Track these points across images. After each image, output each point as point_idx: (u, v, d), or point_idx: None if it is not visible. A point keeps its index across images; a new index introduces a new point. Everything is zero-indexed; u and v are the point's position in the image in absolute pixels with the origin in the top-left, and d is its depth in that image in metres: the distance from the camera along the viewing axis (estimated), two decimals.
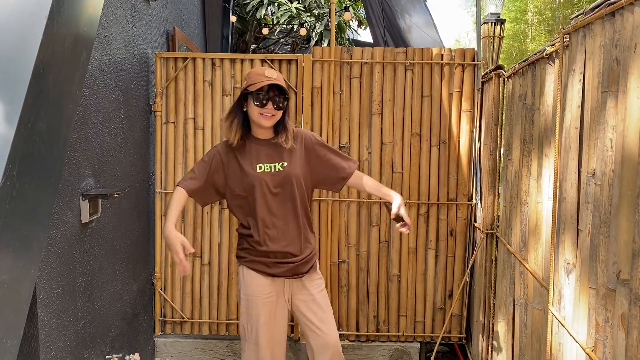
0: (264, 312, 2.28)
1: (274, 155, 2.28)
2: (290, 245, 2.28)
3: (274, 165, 2.27)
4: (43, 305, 1.83)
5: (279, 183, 2.27)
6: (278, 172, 2.27)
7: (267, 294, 2.29)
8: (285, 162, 2.28)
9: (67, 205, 2.03)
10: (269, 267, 2.28)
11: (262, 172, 2.25)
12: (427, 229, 3.25)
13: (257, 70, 2.25)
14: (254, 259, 2.29)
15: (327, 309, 2.36)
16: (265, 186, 2.25)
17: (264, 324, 2.27)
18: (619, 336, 1.34)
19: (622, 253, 1.34)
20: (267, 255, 2.27)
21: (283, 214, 2.28)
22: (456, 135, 3.21)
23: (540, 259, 2.13)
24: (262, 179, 2.24)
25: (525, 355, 2.30)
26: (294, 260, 2.29)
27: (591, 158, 1.55)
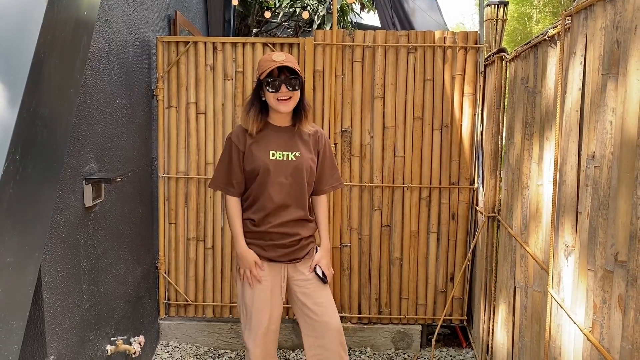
0: (258, 296, 2.30)
1: (289, 144, 2.30)
2: (289, 230, 2.31)
3: (287, 153, 2.28)
4: (48, 288, 1.86)
5: (291, 172, 2.29)
6: (290, 160, 2.28)
7: (262, 278, 2.31)
8: (298, 152, 2.30)
9: (70, 189, 2.04)
10: (265, 250, 2.31)
11: (275, 160, 2.27)
12: (429, 212, 3.26)
13: (265, 57, 2.26)
14: (251, 241, 2.32)
15: (323, 292, 2.37)
16: (276, 174, 2.27)
17: (257, 308, 2.30)
18: (616, 317, 1.36)
19: (620, 235, 1.35)
20: (264, 238, 2.30)
21: (288, 200, 2.30)
22: (458, 119, 3.20)
23: (540, 242, 2.14)
24: (274, 166, 2.27)
25: (525, 337, 2.32)
26: (291, 244, 2.31)
27: (591, 141, 1.55)
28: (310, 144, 2.35)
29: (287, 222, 2.30)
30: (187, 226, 3.26)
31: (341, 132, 3.20)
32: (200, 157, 3.21)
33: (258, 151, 2.28)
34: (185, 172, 3.22)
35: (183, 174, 3.22)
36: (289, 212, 2.31)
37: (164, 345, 3.22)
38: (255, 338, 2.30)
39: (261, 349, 2.31)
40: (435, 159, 3.23)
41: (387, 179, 3.23)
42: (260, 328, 2.30)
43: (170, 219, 3.25)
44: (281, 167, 2.28)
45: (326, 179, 2.42)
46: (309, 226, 2.38)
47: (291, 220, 2.31)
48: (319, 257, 2.38)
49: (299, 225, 2.33)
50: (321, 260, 2.37)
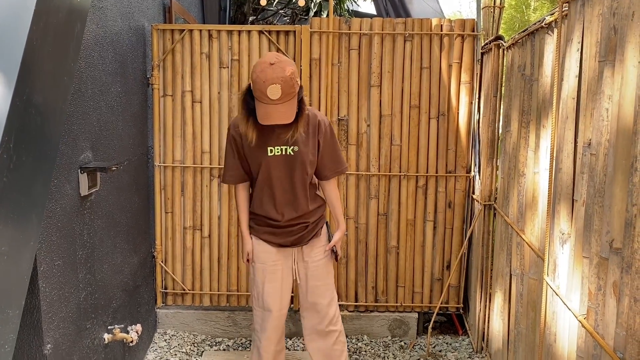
0: (267, 279, 2.36)
1: (287, 138, 2.26)
2: (297, 221, 2.34)
3: (285, 148, 2.27)
4: (44, 277, 1.86)
5: (290, 166, 2.29)
6: (289, 155, 2.28)
7: (271, 263, 2.36)
8: (296, 147, 2.28)
9: (65, 178, 2.03)
10: (275, 236, 2.35)
11: (273, 155, 2.27)
12: (426, 201, 3.26)
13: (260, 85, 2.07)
14: (261, 228, 2.37)
15: (320, 278, 2.41)
16: (276, 168, 2.28)
17: (269, 292, 2.35)
18: (611, 304, 1.36)
19: (615, 222, 1.35)
20: (272, 226, 2.35)
21: (290, 191, 2.32)
22: (455, 107, 3.19)
23: (536, 230, 2.15)
24: (273, 161, 2.27)
25: (521, 324, 2.34)
26: (299, 230, 2.35)
27: (587, 128, 1.55)
28: (310, 134, 2.32)
29: (294, 215, 2.33)
30: (183, 215, 3.25)
31: (338, 120, 3.19)
32: (196, 146, 3.20)
33: (256, 148, 2.26)
34: (181, 161, 3.21)
35: (179, 162, 3.21)
36: (294, 205, 2.33)
37: (162, 333, 3.23)
38: (265, 322, 2.36)
39: (271, 332, 2.37)
40: (432, 148, 3.22)
41: (383, 167, 3.23)
42: (271, 311, 2.35)
43: (166, 208, 3.24)
44: (280, 162, 2.28)
45: (330, 165, 2.40)
46: (316, 211, 2.41)
47: (298, 214, 2.33)
48: (336, 239, 2.43)
49: (306, 215, 2.36)
50: (337, 243, 2.45)
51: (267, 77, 2.06)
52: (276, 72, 2.06)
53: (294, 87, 2.11)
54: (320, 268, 2.42)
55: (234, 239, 3.26)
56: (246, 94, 2.21)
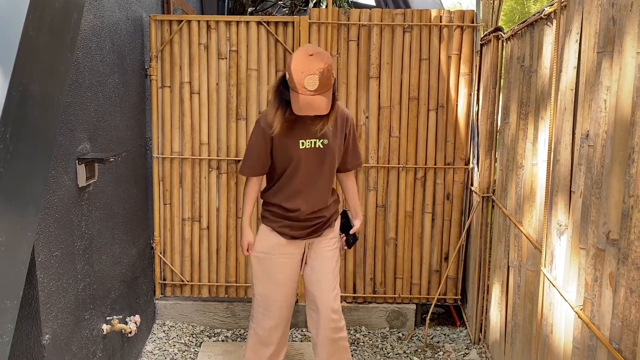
0: (277, 270, 2.36)
1: (317, 130, 2.24)
2: (316, 214, 2.35)
3: (314, 141, 2.27)
4: (42, 268, 1.86)
5: (319, 159, 2.30)
6: (319, 148, 2.28)
7: (281, 254, 2.36)
8: (326, 140, 2.29)
9: (63, 169, 2.03)
10: (291, 229, 2.34)
11: (304, 149, 2.27)
12: (424, 193, 3.26)
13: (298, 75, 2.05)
14: (278, 220, 2.35)
15: (325, 270, 2.41)
16: (306, 161, 2.28)
17: (277, 282, 2.36)
18: (607, 295, 1.37)
19: (612, 214, 1.35)
20: (291, 218, 2.33)
21: (315, 184, 2.32)
22: (454, 99, 3.19)
23: (534, 222, 2.15)
24: (304, 154, 2.27)
25: (518, 315, 2.34)
26: (315, 224, 2.35)
27: (585, 120, 1.55)
28: (338, 127, 2.32)
29: (315, 208, 2.33)
30: (182, 207, 3.25)
31: None
32: (195, 138, 3.20)
33: (288, 141, 2.25)
34: (180, 153, 3.21)
35: (177, 154, 3.21)
36: (317, 198, 2.33)
37: (160, 324, 3.24)
38: (270, 311, 2.37)
39: (275, 322, 2.38)
40: (431, 139, 3.22)
41: (382, 159, 3.23)
42: (277, 302, 2.36)
43: (165, 200, 3.24)
44: (311, 156, 2.28)
45: (352, 158, 2.44)
46: (333, 205, 2.43)
47: (319, 207, 2.34)
48: (357, 227, 2.48)
49: (324, 209, 2.37)
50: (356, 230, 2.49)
51: (305, 67, 2.05)
52: (315, 63, 2.05)
53: (330, 80, 2.11)
54: (329, 259, 2.42)
55: (232, 231, 3.26)
56: (280, 84, 2.20)
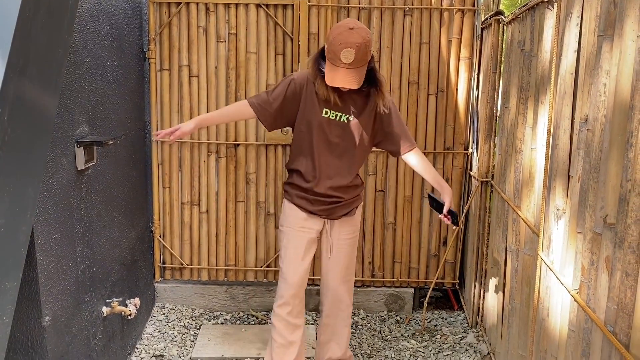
0: (292, 244, 2.37)
1: (345, 106, 2.26)
2: (335, 189, 2.33)
3: (340, 115, 2.27)
4: (42, 250, 1.87)
5: (340, 134, 2.28)
6: (342, 122, 2.27)
7: (299, 228, 2.37)
8: (352, 116, 2.28)
9: (61, 152, 2.03)
10: (311, 203, 2.34)
11: (327, 119, 2.26)
12: (423, 177, 3.26)
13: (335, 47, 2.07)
14: (297, 193, 2.36)
15: (339, 254, 2.42)
16: (326, 132, 2.27)
17: (290, 257, 2.37)
18: (603, 278, 1.37)
19: (609, 198, 1.35)
20: (310, 193, 2.33)
21: (336, 161, 2.31)
22: (454, 84, 3.17)
23: (532, 206, 2.16)
24: (324, 124, 2.26)
25: (515, 299, 2.36)
26: (332, 203, 2.34)
27: (584, 104, 1.54)
28: (368, 109, 2.30)
29: (332, 187, 2.31)
30: (181, 190, 3.26)
31: None
32: None
33: (313, 105, 2.26)
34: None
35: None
36: (336, 177, 2.31)
37: (160, 307, 3.26)
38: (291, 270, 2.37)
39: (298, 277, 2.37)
40: (430, 124, 3.21)
41: None
42: (296, 261, 2.37)
43: (164, 184, 3.24)
44: (332, 127, 2.27)
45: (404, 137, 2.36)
46: (353, 191, 2.39)
47: (337, 186, 2.32)
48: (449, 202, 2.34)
49: (343, 190, 2.35)
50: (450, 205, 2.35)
51: (343, 40, 2.06)
52: (353, 37, 2.07)
53: (366, 55, 2.12)
54: (345, 248, 2.43)
55: (232, 215, 3.27)
56: (318, 56, 2.22)
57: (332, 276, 2.45)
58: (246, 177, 3.24)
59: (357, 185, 2.41)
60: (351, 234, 2.44)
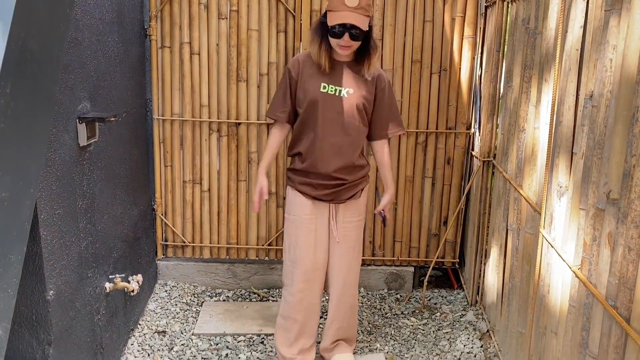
0: (302, 232, 2.35)
1: (343, 80, 2.25)
2: (337, 170, 2.30)
3: (339, 89, 2.25)
4: (45, 225, 1.87)
5: (338, 108, 2.26)
6: (340, 97, 2.25)
7: (307, 215, 2.34)
8: (351, 90, 2.26)
9: (64, 128, 2.02)
10: (314, 188, 2.32)
11: (325, 93, 2.24)
12: (425, 157, 3.26)
13: None
14: (299, 179, 2.34)
15: (344, 240, 2.39)
16: (323, 107, 2.25)
17: (302, 245, 2.35)
18: (605, 254, 1.38)
19: (613, 173, 1.35)
20: (313, 177, 2.31)
21: (337, 139, 2.28)
22: (457, 63, 3.15)
23: (534, 185, 2.16)
24: (323, 99, 2.24)
25: (515, 277, 2.38)
26: (336, 186, 2.31)
27: (590, 80, 1.53)
28: (369, 85, 2.29)
29: (336, 168, 2.29)
30: (182, 169, 3.26)
31: None
32: (195, 99, 3.17)
33: (310, 82, 2.26)
34: (180, 115, 3.19)
35: (178, 116, 3.19)
36: (339, 155, 2.29)
37: (162, 284, 3.29)
38: (299, 275, 2.36)
39: (304, 285, 2.37)
40: (433, 104, 3.20)
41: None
42: (304, 266, 2.35)
43: (165, 162, 3.24)
44: (331, 102, 2.25)
45: (385, 123, 2.37)
46: (358, 172, 2.36)
47: (341, 167, 2.30)
48: (384, 203, 2.44)
49: (347, 171, 2.32)
50: (386, 206, 2.45)
51: None
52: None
53: (370, 6, 2.16)
54: (352, 230, 2.41)
55: (233, 194, 3.28)
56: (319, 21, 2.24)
57: (338, 264, 2.42)
58: (248, 156, 3.23)
59: (361, 166, 2.38)
60: (357, 216, 2.41)
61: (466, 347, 2.74)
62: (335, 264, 2.42)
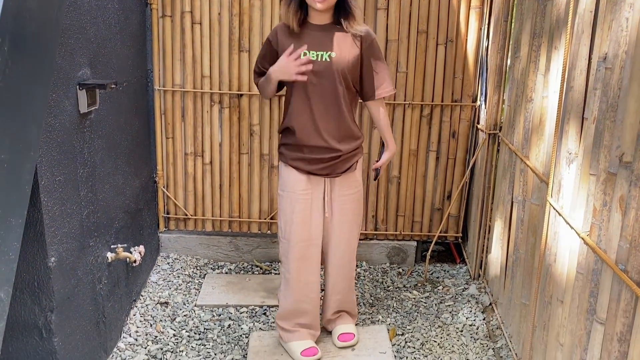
0: (298, 208, 2.28)
1: (324, 44, 2.17)
2: (329, 140, 2.23)
3: (320, 53, 2.17)
4: (46, 191, 1.85)
5: (323, 74, 2.18)
6: (324, 61, 2.17)
7: (302, 191, 2.28)
8: (333, 53, 2.18)
9: (64, 94, 1.99)
10: (308, 163, 2.26)
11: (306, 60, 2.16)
12: (430, 131, 3.22)
13: None
14: (292, 154, 2.28)
15: (341, 215, 2.35)
16: (310, 75, 2.16)
17: (297, 222, 2.29)
18: (616, 218, 1.36)
19: (627, 136, 1.32)
20: (306, 151, 2.24)
21: (324, 107, 2.22)
22: (464, 33, 3.09)
23: (541, 155, 2.13)
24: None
25: (520, 249, 2.36)
26: (332, 156, 2.25)
27: (604, 42, 1.49)
28: (354, 44, 2.21)
29: (329, 137, 2.23)
30: (184, 141, 3.22)
31: None
32: (197, 70, 3.13)
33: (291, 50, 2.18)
34: (181, 85, 3.15)
35: (179, 87, 3.14)
36: (331, 124, 2.23)
37: (164, 257, 3.28)
38: (294, 251, 2.32)
39: (300, 263, 2.33)
40: (439, 76, 3.15)
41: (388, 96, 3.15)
42: (300, 241, 2.31)
43: (167, 133, 3.21)
44: (315, 68, 2.16)
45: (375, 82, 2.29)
46: (352, 142, 2.30)
47: (335, 136, 2.24)
48: (385, 159, 2.39)
49: (341, 140, 2.26)
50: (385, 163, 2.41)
51: None
52: None
53: None
54: (349, 203, 2.35)
55: (235, 166, 3.25)
56: None
57: (336, 237, 2.38)
58: (250, 128, 3.20)
59: (356, 136, 2.31)
60: (354, 188, 2.36)
61: (468, 320, 2.74)
62: (333, 237, 2.38)
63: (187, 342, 2.53)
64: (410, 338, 2.61)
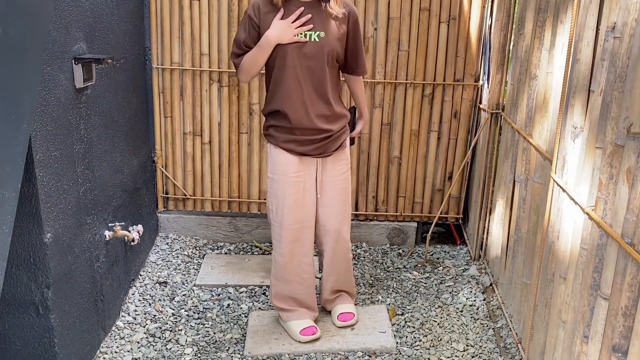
0: (290, 191, 2.26)
1: (312, 23, 2.13)
2: (320, 121, 2.21)
3: (309, 34, 2.13)
4: (41, 166, 1.82)
5: (313, 54, 2.14)
6: (313, 42, 2.14)
7: (294, 173, 2.25)
8: (322, 33, 2.14)
9: (59, 67, 1.94)
10: (300, 144, 2.23)
11: (297, 41, 2.12)
12: (431, 110, 3.18)
13: None
14: (283, 136, 2.23)
15: (334, 193, 2.34)
16: (296, 56, 2.13)
17: (289, 205, 2.26)
18: (622, 191, 1.33)
19: (635, 106, 1.29)
20: (298, 133, 2.21)
21: (313, 88, 2.18)
22: (467, 11, 3.04)
23: (545, 132, 2.09)
24: (293, 47, 2.13)
25: (521, 229, 2.33)
26: (323, 137, 2.23)
27: (612, 11, 1.45)
28: (339, 23, 2.18)
29: (321, 117, 2.21)
30: (183, 120, 3.18)
31: None
32: (195, 48, 3.08)
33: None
34: (180, 64, 3.10)
35: (177, 65, 3.10)
36: (316, 103, 2.19)
37: (163, 237, 3.26)
38: (287, 234, 2.30)
39: (293, 245, 2.32)
40: (441, 54, 3.10)
41: (390, 75, 3.12)
42: (294, 224, 2.29)
43: (165, 112, 3.16)
44: (302, 49, 2.13)
45: (354, 61, 2.28)
46: (341, 121, 2.29)
47: (321, 115, 2.21)
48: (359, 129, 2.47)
49: (331, 120, 2.24)
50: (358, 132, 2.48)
51: None
52: None
53: None
54: (341, 182, 2.35)
55: (234, 146, 3.21)
56: None
57: (330, 218, 2.36)
58: (249, 107, 3.15)
59: (343, 115, 2.31)
60: (345, 166, 2.37)
61: (469, 300, 2.72)
62: (328, 217, 2.37)
63: (186, 322, 2.52)
64: (410, 318, 2.59)
